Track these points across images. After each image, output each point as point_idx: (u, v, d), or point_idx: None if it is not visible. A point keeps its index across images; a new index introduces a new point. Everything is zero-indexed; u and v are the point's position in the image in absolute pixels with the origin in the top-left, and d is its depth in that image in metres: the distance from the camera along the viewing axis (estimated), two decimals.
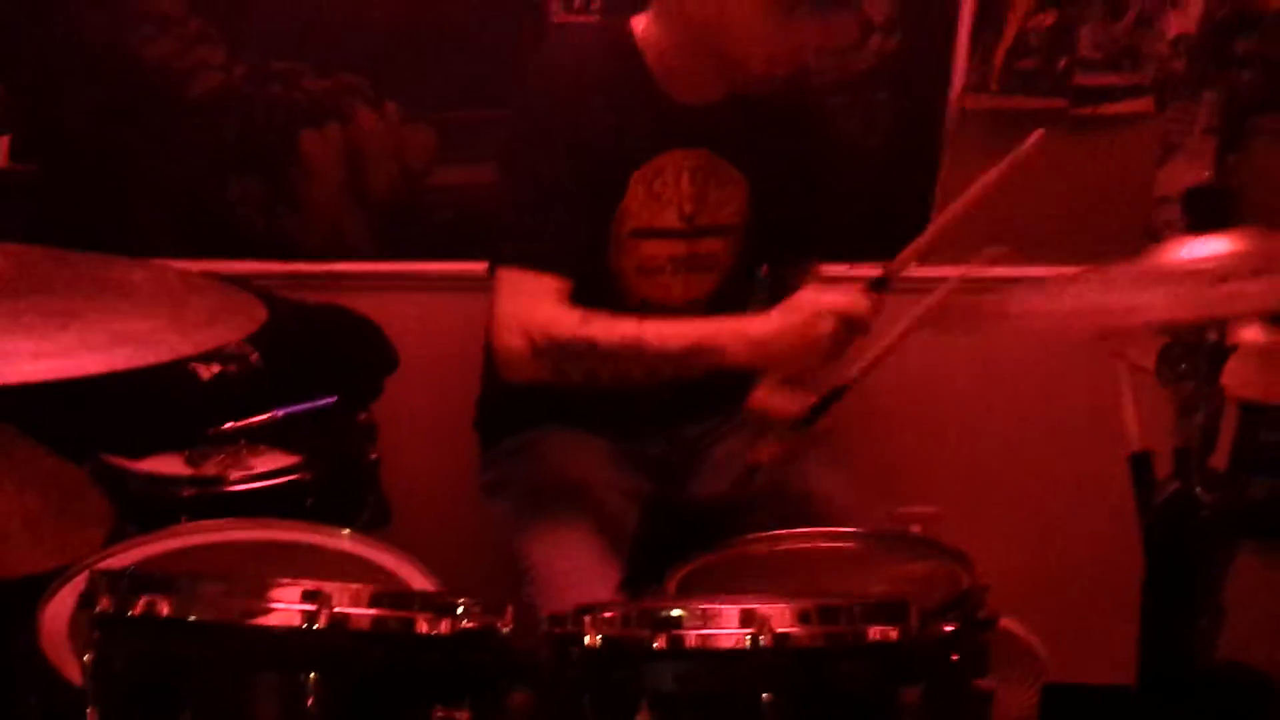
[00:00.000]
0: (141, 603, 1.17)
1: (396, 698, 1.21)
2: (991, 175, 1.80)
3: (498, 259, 1.93)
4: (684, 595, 1.70)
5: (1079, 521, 2.57)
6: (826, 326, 1.81)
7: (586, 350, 1.85)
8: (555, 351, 1.85)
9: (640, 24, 1.96)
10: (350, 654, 1.19)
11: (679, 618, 1.25)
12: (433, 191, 2.42)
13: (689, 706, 1.21)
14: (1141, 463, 1.45)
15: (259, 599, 1.19)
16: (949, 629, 1.50)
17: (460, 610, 1.26)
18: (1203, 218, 1.25)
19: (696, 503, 2.14)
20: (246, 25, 2.28)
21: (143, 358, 1.23)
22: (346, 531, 1.76)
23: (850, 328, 1.84)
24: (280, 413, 2.10)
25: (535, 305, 1.88)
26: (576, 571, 1.88)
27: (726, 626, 1.23)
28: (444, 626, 1.22)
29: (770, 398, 2.01)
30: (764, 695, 1.20)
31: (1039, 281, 1.35)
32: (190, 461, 2.00)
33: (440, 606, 1.24)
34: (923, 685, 1.31)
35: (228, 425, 2.06)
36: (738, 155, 2.02)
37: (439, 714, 1.19)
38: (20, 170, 2.06)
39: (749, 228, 2.07)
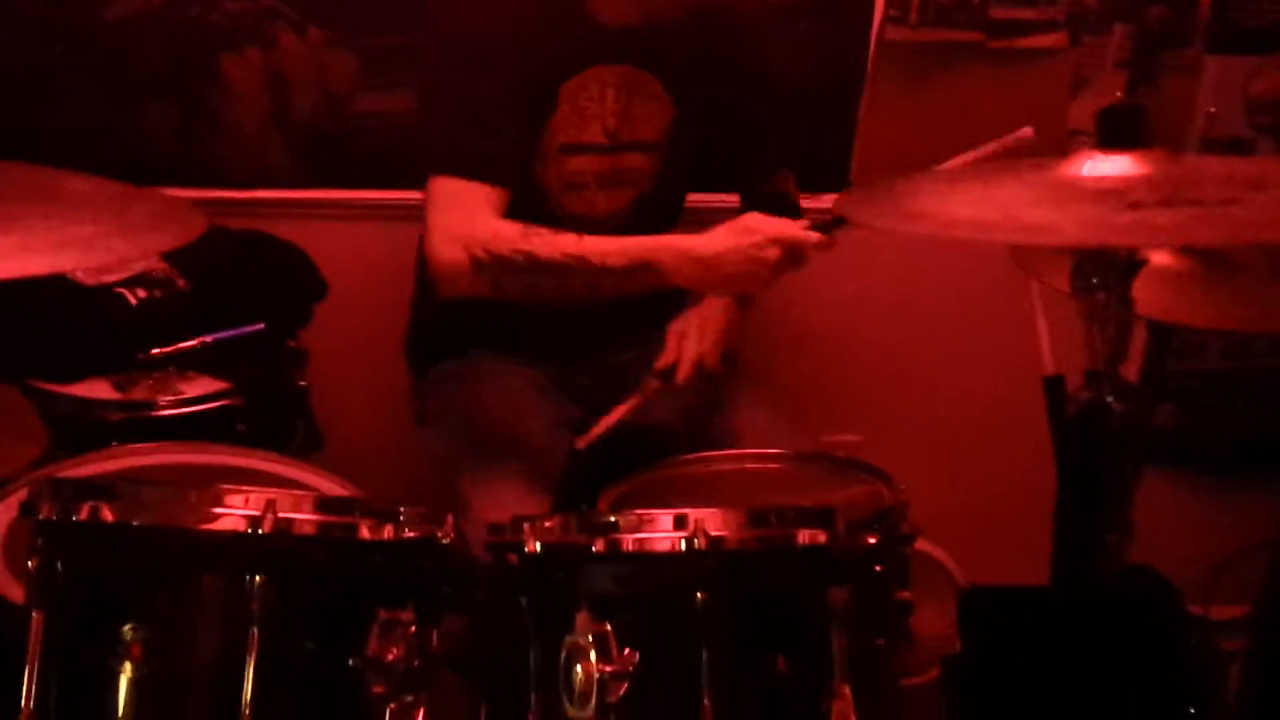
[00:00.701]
0: (85, 509, 1.18)
1: (341, 600, 1.23)
2: (969, 157, 1.79)
3: (431, 170, 1.93)
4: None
5: (997, 444, 2.63)
6: (772, 254, 1.81)
7: (527, 264, 1.86)
8: (495, 265, 1.86)
9: None
10: (295, 558, 1.21)
11: (616, 523, 1.28)
12: (357, 118, 2.41)
13: (626, 607, 1.25)
14: (1054, 386, 1.49)
15: (205, 505, 1.21)
16: (872, 541, 1.57)
17: (402, 518, 1.29)
18: (1114, 135, 1.29)
19: (626, 429, 2.18)
20: None
21: (87, 260, 1.22)
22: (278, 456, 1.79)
23: (793, 259, 1.84)
24: (209, 338, 2.09)
25: (473, 217, 1.89)
26: (503, 496, 1.89)
27: (662, 531, 1.27)
28: (386, 532, 1.24)
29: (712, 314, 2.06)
30: (699, 596, 1.24)
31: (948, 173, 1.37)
32: (118, 386, 1.99)
33: (382, 513, 1.26)
34: (850, 588, 1.36)
35: (156, 351, 2.06)
36: (663, 73, 2.04)
37: (383, 615, 1.21)
38: None
39: (672, 146, 2.09)
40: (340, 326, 2.31)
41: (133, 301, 2.08)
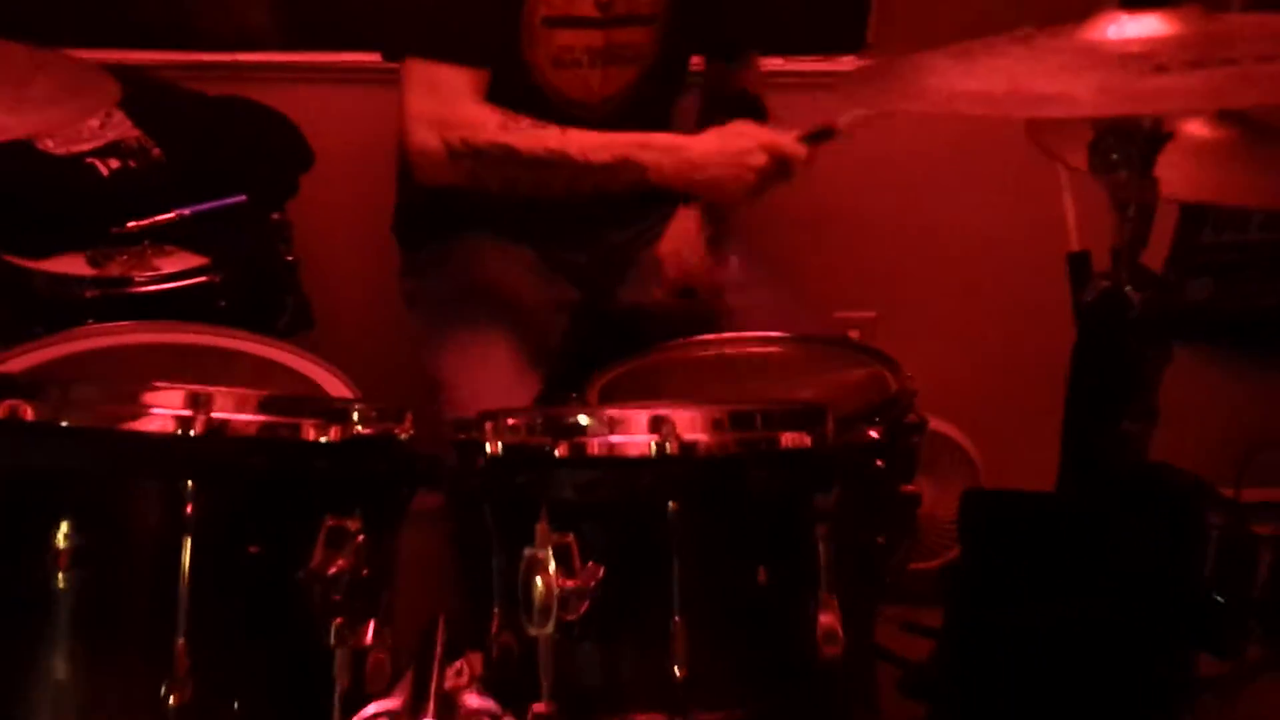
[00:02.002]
0: (4, 407, 1.09)
1: (283, 506, 1.14)
2: None
3: (405, 49, 1.80)
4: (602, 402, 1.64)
5: (1019, 323, 2.51)
6: (759, 161, 1.74)
7: (505, 157, 1.75)
8: (471, 156, 1.75)
9: None
10: (230, 462, 1.11)
11: (584, 425, 1.18)
12: None
13: (590, 515, 1.14)
14: (1079, 262, 1.37)
15: (133, 403, 1.11)
16: (874, 435, 1.46)
17: (355, 416, 1.18)
18: None
19: (624, 310, 2.07)
20: None
21: None
22: (254, 335, 1.70)
23: (781, 169, 1.76)
24: (187, 211, 1.99)
25: (451, 102, 1.76)
26: (491, 383, 1.82)
27: (633, 433, 1.16)
28: (334, 433, 1.14)
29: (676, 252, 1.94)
30: (670, 504, 1.14)
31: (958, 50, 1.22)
32: (92, 262, 1.89)
33: (331, 413, 1.16)
34: (841, 491, 1.25)
35: (131, 224, 1.95)
36: None
37: (330, 523, 1.12)
38: None
39: (672, 15, 1.93)
40: (328, 198, 2.20)
41: (104, 172, 1.97)
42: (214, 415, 1.09)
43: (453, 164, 1.76)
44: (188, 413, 1.09)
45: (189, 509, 1.08)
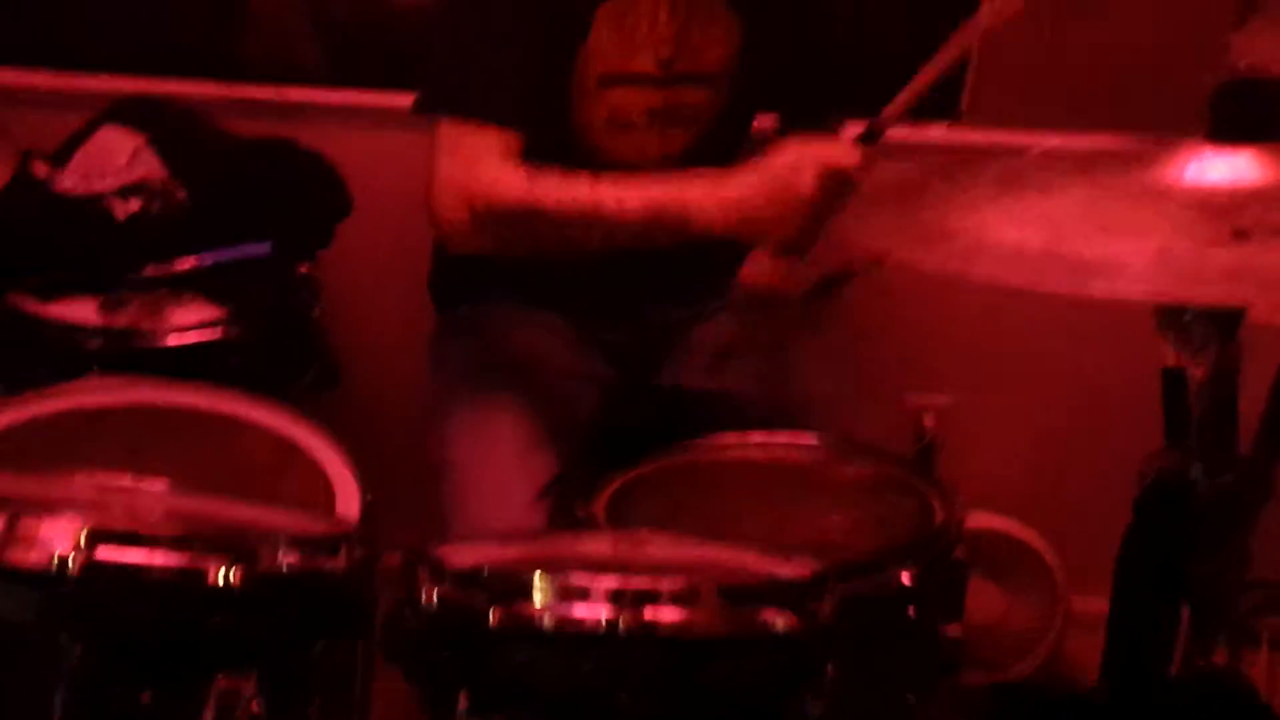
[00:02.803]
0: None
1: (172, 662, 0.98)
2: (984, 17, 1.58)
3: (436, 108, 1.65)
4: (613, 515, 1.47)
5: (1107, 418, 2.28)
6: (807, 180, 1.52)
7: (533, 216, 1.58)
8: (497, 219, 1.59)
9: None
10: (112, 607, 0.96)
11: (529, 585, 1.00)
12: (399, 11, 2.12)
13: (520, 700, 0.97)
14: (1174, 380, 1.16)
15: (10, 531, 0.96)
16: (905, 579, 1.28)
17: (273, 552, 1.02)
18: (1231, 124, 0.92)
19: (667, 391, 1.89)
20: None
21: None
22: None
23: (837, 184, 1.53)
24: (208, 258, 1.87)
25: (477, 165, 1.60)
26: (496, 465, 1.66)
27: (583, 605, 0.98)
28: (237, 576, 0.98)
29: (766, 271, 1.73)
30: (620, 693, 0.96)
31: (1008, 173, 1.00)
32: (104, 308, 1.79)
33: (240, 550, 1.00)
34: (843, 671, 1.07)
35: (149, 270, 1.84)
36: None
37: (222, 683, 0.96)
38: None
39: (739, 74, 1.75)
40: (365, 249, 2.08)
41: (119, 215, 1.86)
42: (97, 556, 0.94)
43: (478, 232, 1.60)
44: (66, 550, 0.94)
45: (62, 659, 0.93)
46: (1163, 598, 0.97)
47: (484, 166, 1.60)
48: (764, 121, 1.90)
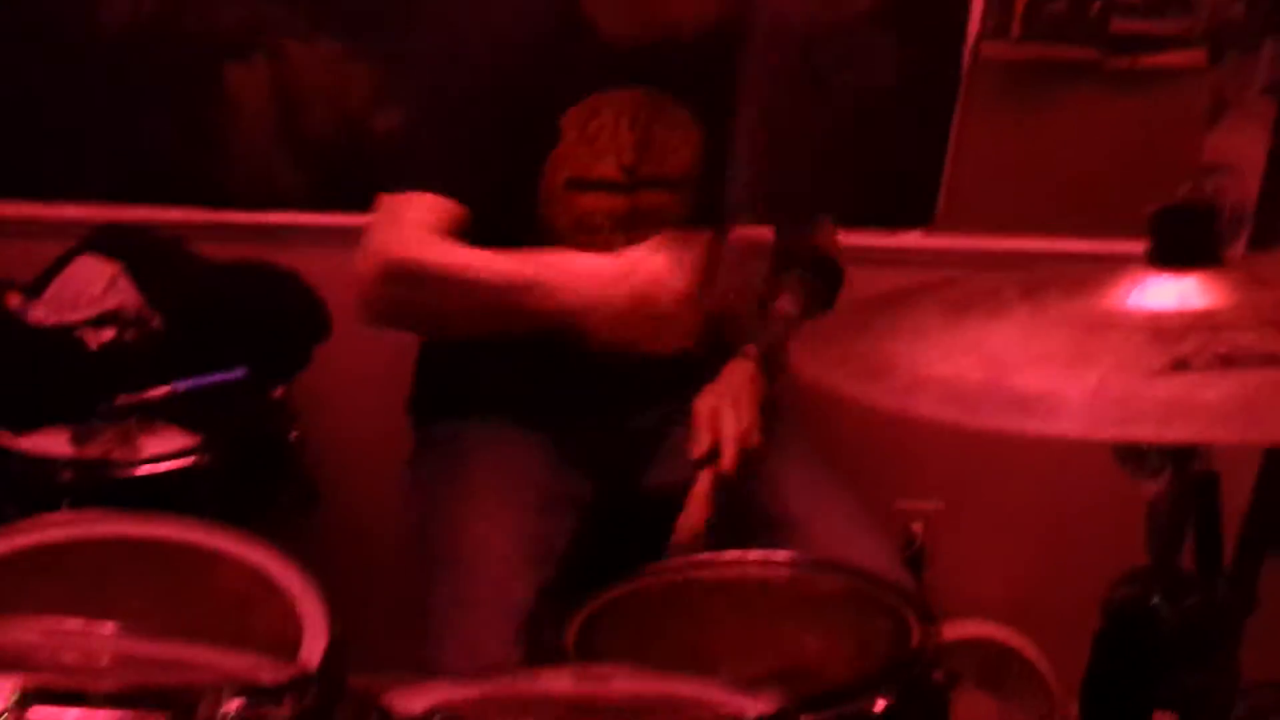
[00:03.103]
0: None
1: None
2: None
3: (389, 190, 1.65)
4: (583, 644, 1.43)
5: (1102, 524, 2.25)
6: (670, 288, 1.53)
7: (418, 277, 1.56)
8: (394, 278, 1.58)
9: None
10: None
11: None
12: (377, 135, 2.12)
13: None
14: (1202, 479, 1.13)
15: None
16: (879, 706, 1.24)
17: (220, 702, 1.00)
18: (1173, 249, 0.90)
19: (648, 497, 1.87)
20: None
21: None
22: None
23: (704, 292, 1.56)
24: (181, 386, 1.86)
25: (400, 225, 1.59)
26: (473, 589, 1.61)
27: None
28: None
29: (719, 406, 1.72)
30: None
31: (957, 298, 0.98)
32: (76, 439, 1.77)
33: (182, 704, 0.97)
34: None
35: (121, 400, 1.83)
36: (688, 95, 1.71)
37: None
38: None
39: (704, 180, 1.75)
40: (344, 369, 2.06)
41: (92, 345, 1.85)
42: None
43: (381, 289, 1.59)
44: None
45: None
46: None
47: (406, 226, 1.59)
48: None
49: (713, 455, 1.70)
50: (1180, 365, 0.81)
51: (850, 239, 2.09)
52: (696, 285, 1.53)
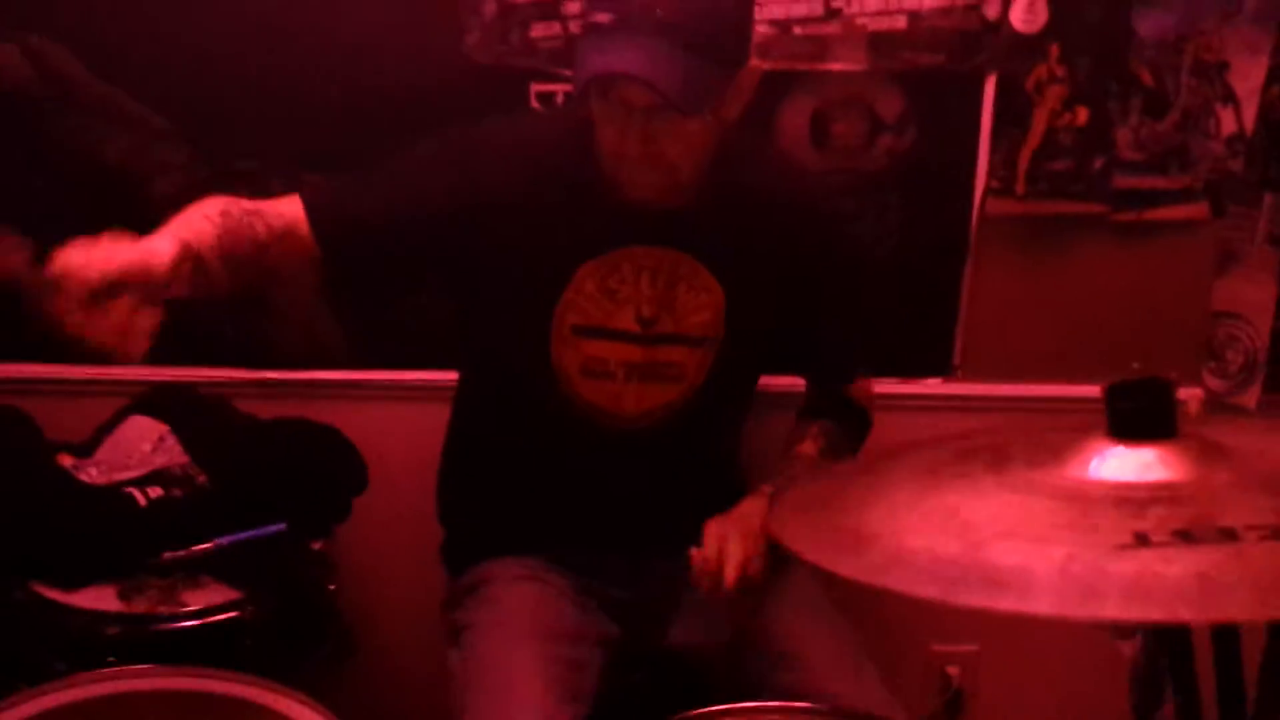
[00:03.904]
0: None
1: None
2: None
3: None
4: None
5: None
6: None
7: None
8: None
9: None
10: None
11: None
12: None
13: None
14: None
15: None
16: None
17: None
18: (1129, 423, 0.94)
19: (672, 651, 1.90)
20: (209, 124, 2.11)
21: None
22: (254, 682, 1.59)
23: None
24: (224, 541, 1.92)
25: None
26: None
27: None
28: None
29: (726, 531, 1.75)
30: None
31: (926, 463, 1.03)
32: (123, 595, 1.83)
33: None
34: None
35: (167, 555, 1.90)
36: (712, 260, 1.77)
37: None
38: None
39: (729, 341, 1.81)
40: (381, 519, 2.11)
41: (142, 502, 1.92)
42: None
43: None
44: None
45: None
46: None
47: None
48: None
49: (717, 575, 1.72)
50: (1142, 540, 0.85)
51: (873, 387, 2.15)
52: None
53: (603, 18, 1.58)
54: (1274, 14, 1.98)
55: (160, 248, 1.47)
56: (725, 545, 1.73)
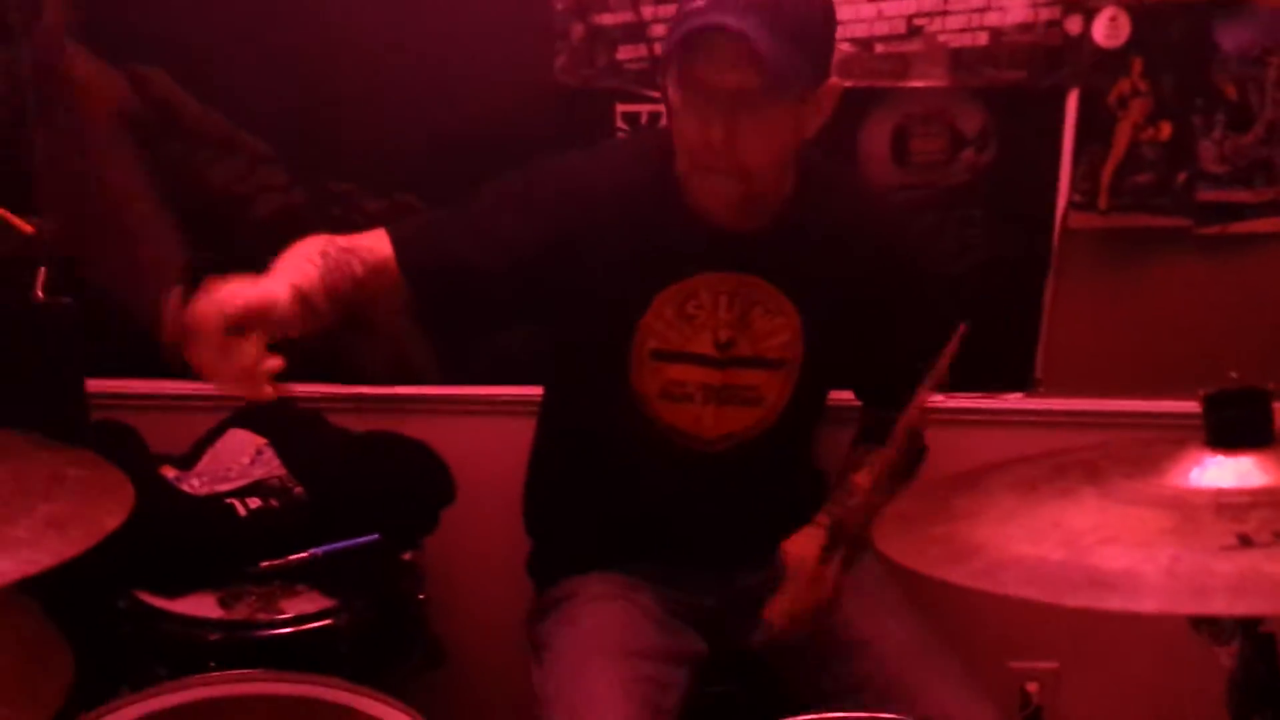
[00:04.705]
0: None
1: None
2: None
3: None
4: None
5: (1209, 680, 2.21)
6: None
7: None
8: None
9: None
10: None
11: None
12: None
13: None
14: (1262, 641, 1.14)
15: None
16: None
17: None
18: (1227, 432, 0.94)
19: (754, 654, 1.90)
20: (305, 148, 2.16)
21: None
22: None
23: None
24: (320, 551, 1.96)
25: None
26: None
27: None
28: None
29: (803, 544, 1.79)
30: None
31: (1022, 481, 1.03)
32: (223, 603, 1.87)
33: None
34: None
35: (265, 564, 1.93)
36: (787, 284, 1.78)
37: None
38: (56, 303, 1.98)
39: (808, 361, 1.81)
40: (469, 531, 2.14)
41: (242, 512, 1.96)
42: None
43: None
44: None
45: None
46: None
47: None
48: None
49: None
50: (1245, 542, 0.85)
51: (954, 402, 2.14)
52: None
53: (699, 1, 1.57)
54: None
55: (277, 289, 1.53)
56: (791, 610, 1.77)
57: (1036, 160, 2.09)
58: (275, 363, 1.50)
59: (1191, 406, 1.99)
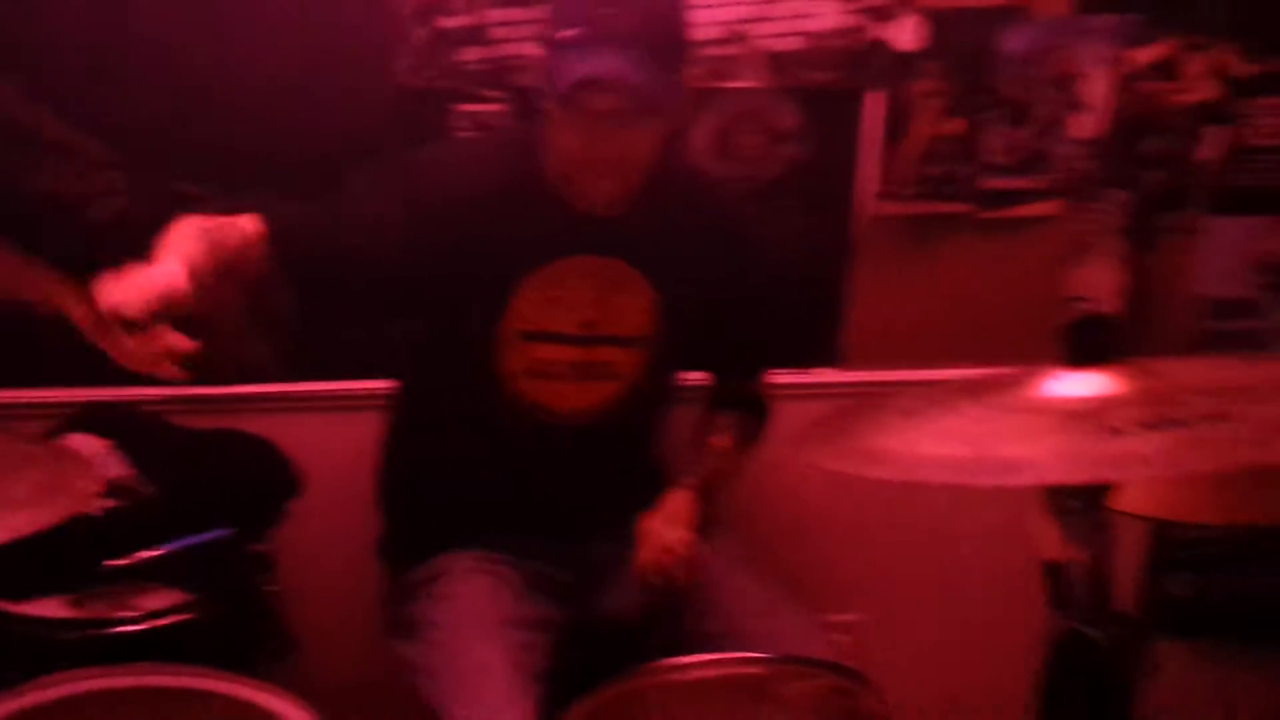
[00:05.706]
0: None
1: None
2: None
3: None
4: None
5: (1017, 634, 2.38)
6: None
7: None
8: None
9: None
10: None
11: None
12: None
13: None
14: (1057, 573, 1.28)
15: None
16: None
17: None
18: (1083, 351, 1.09)
19: (607, 622, 1.97)
20: (145, 151, 2.11)
21: None
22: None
23: None
24: (171, 548, 1.92)
25: None
26: (492, 711, 1.69)
27: None
28: None
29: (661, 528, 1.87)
30: None
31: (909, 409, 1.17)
32: (74, 603, 1.82)
33: None
34: None
35: (116, 563, 1.88)
36: (645, 266, 1.86)
37: None
38: None
39: (656, 340, 1.90)
40: (317, 524, 2.12)
41: (98, 513, 1.91)
42: None
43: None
44: None
45: None
46: None
47: None
48: None
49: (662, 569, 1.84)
50: (1116, 432, 0.99)
51: (771, 378, 2.26)
52: None
53: (570, 33, 1.66)
54: (1116, 31, 2.18)
55: (174, 271, 1.52)
56: (666, 545, 1.84)
57: (841, 155, 2.24)
58: (187, 344, 1.51)
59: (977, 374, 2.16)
